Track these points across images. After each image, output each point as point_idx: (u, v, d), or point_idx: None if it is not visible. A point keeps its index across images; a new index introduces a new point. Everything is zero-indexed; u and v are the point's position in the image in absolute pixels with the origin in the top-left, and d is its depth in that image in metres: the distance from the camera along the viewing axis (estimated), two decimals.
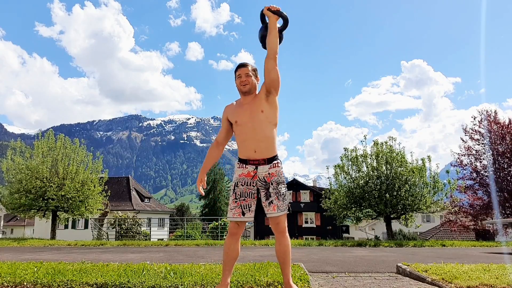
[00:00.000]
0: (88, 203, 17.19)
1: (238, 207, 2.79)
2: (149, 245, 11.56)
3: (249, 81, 2.81)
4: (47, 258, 6.32)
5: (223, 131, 3.00)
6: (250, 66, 2.86)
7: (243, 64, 2.86)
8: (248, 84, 2.81)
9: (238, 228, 2.82)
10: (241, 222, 2.81)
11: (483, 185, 16.99)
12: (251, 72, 2.83)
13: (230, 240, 2.83)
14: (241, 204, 2.79)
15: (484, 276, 3.54)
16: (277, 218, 2.76)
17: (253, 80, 2.83)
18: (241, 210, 2.78)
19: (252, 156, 2.79)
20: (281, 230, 2.79)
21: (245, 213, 2.77)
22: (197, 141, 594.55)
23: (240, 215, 2.78)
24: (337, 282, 3.87)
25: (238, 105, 2.90)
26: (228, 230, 2.86)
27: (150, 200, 43.00)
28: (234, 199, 2.82)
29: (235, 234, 2.82)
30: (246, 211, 2.78)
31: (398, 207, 14.97)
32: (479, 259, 6.28)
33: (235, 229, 2.82)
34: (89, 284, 3.18)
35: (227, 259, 2.82)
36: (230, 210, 2.83)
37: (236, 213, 2.79)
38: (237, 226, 2.81)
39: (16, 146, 17.28)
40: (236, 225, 2.81)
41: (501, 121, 16.90)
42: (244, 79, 2.80)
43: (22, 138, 20.10)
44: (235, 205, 2.80)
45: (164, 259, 6.29)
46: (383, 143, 16.05)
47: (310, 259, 6.39)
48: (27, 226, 49.69)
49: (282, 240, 2.80)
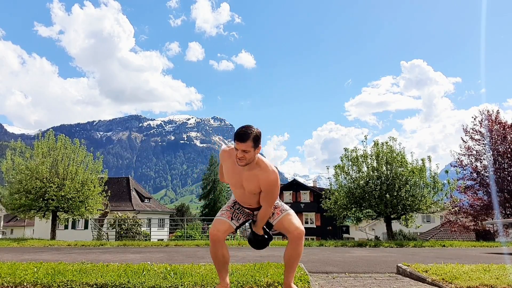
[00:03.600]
0: (88, 203, 17.18)
1: (230, 213, 2.85)
2: (149, 246, 11.56)
3: (245, 158, 2.56)
4: (47, 259, 6.32)
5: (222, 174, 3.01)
6: (252, 139, 2.53)
7: (243, 138, 2.52)
8: (244, 160, 2.58)
9: (219, 233, 2.72)
10: (224, 225, 2.76)
11: (483, 185, 16.99)
12: (251, 147, 2.54)
13: (214, 248, 2.74)
14: (233, 212, 2.86)
15: (485, 276, 3.54)
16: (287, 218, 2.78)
17: (251, 154, 2.58)
18: (231, 216, 2.83)
19: (247, 206, 2.89)
20: (299, 232, 2.74)
21: (233, 219, 2.82)
22: (197, 142, 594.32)
23: (228, 218, 2.81)
24: (337, 283, 3.87)
25: (234, 163, 2.70)
26: (210, 238, 2.75)
27: (150, 201, 42.98)
28: (231, 207, 2.90)
29: (217, 241, 2.72)
30: (235, 219, 2.83)
31: (398, 208, 14.96)
32: (479, 260, 6.28)
33: (215, 234, 2.71)
34: (89, 284, 3.17)
35: (219, 265, 2.82)
36: (221, 211, 2.90)
37: (225, 216, 2.83)
38: (218, 230, 2.72)
39: (16, 147, 17.28)
40: (218, 228, 2.73)
41: (503, 121, 16.89)
42: (241, 156, 2.56)
43: (22, 138, 20.09)
44: (228, 209, 2.88)
45: (164, 260, 6.28)
46: (383, 143, 16.04)
47: (310, 259, 6.38)
48: (27, 227, 49.68)
49: (297, 245, 2.75)
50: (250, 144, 2.52)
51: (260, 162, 2.66)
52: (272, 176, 2.65)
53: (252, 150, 2.55)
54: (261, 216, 2.79)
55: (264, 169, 2.65)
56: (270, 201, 2.73)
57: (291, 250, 2.75)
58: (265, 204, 2.74)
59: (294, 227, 2.74)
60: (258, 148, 2.60)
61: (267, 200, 2.72)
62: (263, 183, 2.66)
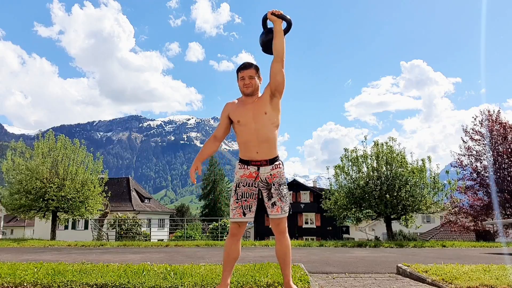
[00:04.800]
0: (88, 203, 17.19)
1: (239, 208, 2.79)
2: (149, 246, 11.56)
3: (252, 84, 2.78)
4: (47, 259, 6.32)
5: (221, 127, 2.96)
6: (254, 67, 2.81)
7: (246, 66, 2.81)
8: (251, 87, 2.78)
9: (239, 229, 2.82)
10: (242, 223, 2.81)
11: (484, 186, 16.99)
12: (254, 73, 2.79)
13: (230, 240, 2.83)
14: (242, 205, 2.79)
15: (485, 276, 3.54)
16: (278, 219, 2.78)
17: (256, 81, 2.80)
18: (242, 211, 2.79)
19: (254, 157, 2.79)
20: (282, 231, 2.81)
21: (246, 214, 2.78)
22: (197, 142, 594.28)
23: (241, 215, 2.78)
24: (337, 283, 3.87)
25: (241, 104, 2.86)
26: (229, 230, 2.86)
27: (150, 201, 42.99)
28: (236, 199, 2.82)
29: (235, 235, 2.82)
30: (247, 211, 2.79)
31: (398, 208, 14.96)
32: (480, 260, 6.27)
33: (235, 229, 2.82)
34: (89, 284, 3.17)
35: (228, 260, 2.82)
36: (232, 211, 2.83)
37: (237, 214, 2.79)
38: (238, 227, 2.81)
39: (16, 147, 17.28)
40: (237, 225, 2.81)
41: (503, 121, 16.89)
42: (248, 82, 2.77)
43: (22, 138, 20.05)
44: (236, 205, 2.80)
45: (164, 260, 6.28)
46: (383, 143, 16.04)
47: (310, 259, 6.38)
48: (27, 227, 49.71)
49: (282, 240, 2.81)
50: (253, 71, 2.79)
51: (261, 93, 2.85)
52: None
53: (256, 77, 2.79)
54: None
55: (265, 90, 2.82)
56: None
57: (279, 245, 2.82)
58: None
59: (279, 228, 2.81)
60: (260, 78, 2.85)
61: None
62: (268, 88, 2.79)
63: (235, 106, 2.87)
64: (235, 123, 2.86)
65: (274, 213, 2.77)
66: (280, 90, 2.78)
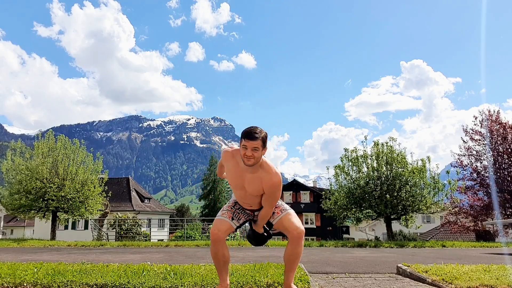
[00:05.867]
0: (88, 203, 17.18)
1: (230, 212, 2.85)
2: (149, 246, 11.56)
3: (254, 156, 2.54)
4: (47, 259, 6.32)
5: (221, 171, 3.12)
6: (261, 138, 2.53)
7: (252, 136, 2.52)
8: (253, 159, 2.55)
9: (220, 232, 2.73)
10: (224, 225, 2.76)
11: (484, 186, 16.98)
12: (260, 146, 2.54)
13: (214, 248, 2.75)
14: (233, 212, 2.85)
15: (485, 276, 3.54)
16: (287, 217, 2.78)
17: (259, 154, 2.56)
18: (231, 215, 2.82)
19: (248, 207, 2.88)
20: (300, 232, 2.73)
21: (234, 219, 2.82)
22: (197, 142, 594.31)
23: (229, 217, 2.81)
24: (337, 283, 3.87)
25: (237, 166, 2.69)
26: (211, 237, 2.75)
27: (150, 201, 42.98)
28: (231, 206, 2.89)
29: (217, 240, 2.72)
30: (235, 219, 2.83)
31: (399, 208, 14.95)
32: (480, 260, 6.27)
33: (216, 234, 2.71)
34: (89, 285, 3.18)
35: (219, 265, 2.81)
36: (222, 211, 2.89)
37: (226, 215, 2.82)
38: (219, 230, 2.73)
39: (16, 147, 17.27)
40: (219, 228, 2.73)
41: (503, 122, 16.88)
42: (250, 154, 2.53)
43: (22, 138, 20.06)
44: (228, 209, 2.88)
45: (164, 260, 6.28)
46: (383, 143, 16.03)
47: (310, 259, 6.38)
48: (27, 227, 49.68)
49: (297, 245, 2.74)
50: (259, 143, 2.52)
51: (263, 164, 2.64)
52: (275, 178, 2.63)
53: (260, 149, 2.54)
54: (262, 216, 2.80)
55: (268, 171, 2.63)
56: (272, 203, 2.72)
57: (291, 250, 2.75)
58: (267, 205, 2.74)
59: (294, 227, 2.73)
60: (265, 149, 2.59)
61: (269, 202, 2.72)
62: (266, 185, 2.64)
63: (231, 164, 2.74)
64: (227, 178, 2.89)
65: (277, 216, 2.80)
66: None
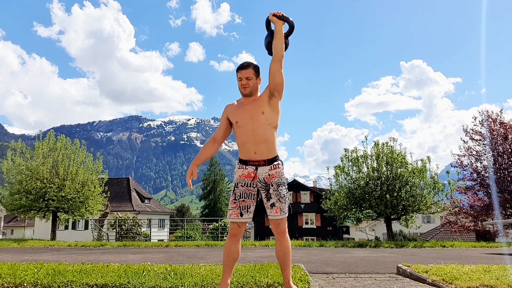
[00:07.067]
0: (88, 204, 17.18)
1: (237, 208, 2.79)
2: (149, 246, 11.56)
3: (249, 84, 2.76)
4: (47, 259, 6.32)
5: (221, 129, 2.97)
6: (252, 67, 2.78)
7: (244, 66, 2.78)
8: (248, 87, 2.76)
9: (238, 229, 2.81)
10: (241, 223, 2.80)
11: (484, 186, 16.97)
12: (252, 74, 2.77)
13: (230, 241, 2.82)
14: (240, 205, 2.78)
15: (485, 277, 3.54)
16: (278, 220, 2.78)
17: (254, 82, 2.78)
18: (240, 211, 2.78)
19: (252, 157, 2.78)
20: (282, 231, 2.80)
21: (243, 214, 2.77)
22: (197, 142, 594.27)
23: (238, 216, 2.77)
24: (338, 283, 3.87)
25: (239, 105, 2.86)
26: (229, 231, 2.85)
27: (150, 201, 42.98)
28: (234, 199, 2.81)
29: (235, 235, 2.82)
30: (244, 212, 2.77)
31: (399, 208, 14.95)
32: (480, 260, 6.27)
33: (235, 230, 2.81)
34: (89, 285, 3.18)
35: (227, 260, 2.82)
36: (229, 211, 2.83)
37: (234, 214, 2.78)
38: (237, 227, 2.80)
39: (17, 147, 17.28)
40: (236, 226, 2.80)
41: (504, 122, 16.87)
42: (245, 83, 2.76)
43: (22, 139, 20.04)
44: (233, 205, 2.80)
45: (164, 260, 6.28)
46: (383, 144, 16.03)
47: (310, 260, 6.38)
48: (27, 227, 49.69)
49: (282, 241, 2.81)
50: (251, 71, 2.76)
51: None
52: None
53: (254, 77, 2.76)
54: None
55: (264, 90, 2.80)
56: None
57: (279, 246, 2.83)
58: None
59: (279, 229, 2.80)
60: (259, 79, 2.80)
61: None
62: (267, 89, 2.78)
63: (234, 107, 2.88)
64: (234, 124, 2.86)
65: (273, 214, 2.75)
66: (278, 90, 2.76)
